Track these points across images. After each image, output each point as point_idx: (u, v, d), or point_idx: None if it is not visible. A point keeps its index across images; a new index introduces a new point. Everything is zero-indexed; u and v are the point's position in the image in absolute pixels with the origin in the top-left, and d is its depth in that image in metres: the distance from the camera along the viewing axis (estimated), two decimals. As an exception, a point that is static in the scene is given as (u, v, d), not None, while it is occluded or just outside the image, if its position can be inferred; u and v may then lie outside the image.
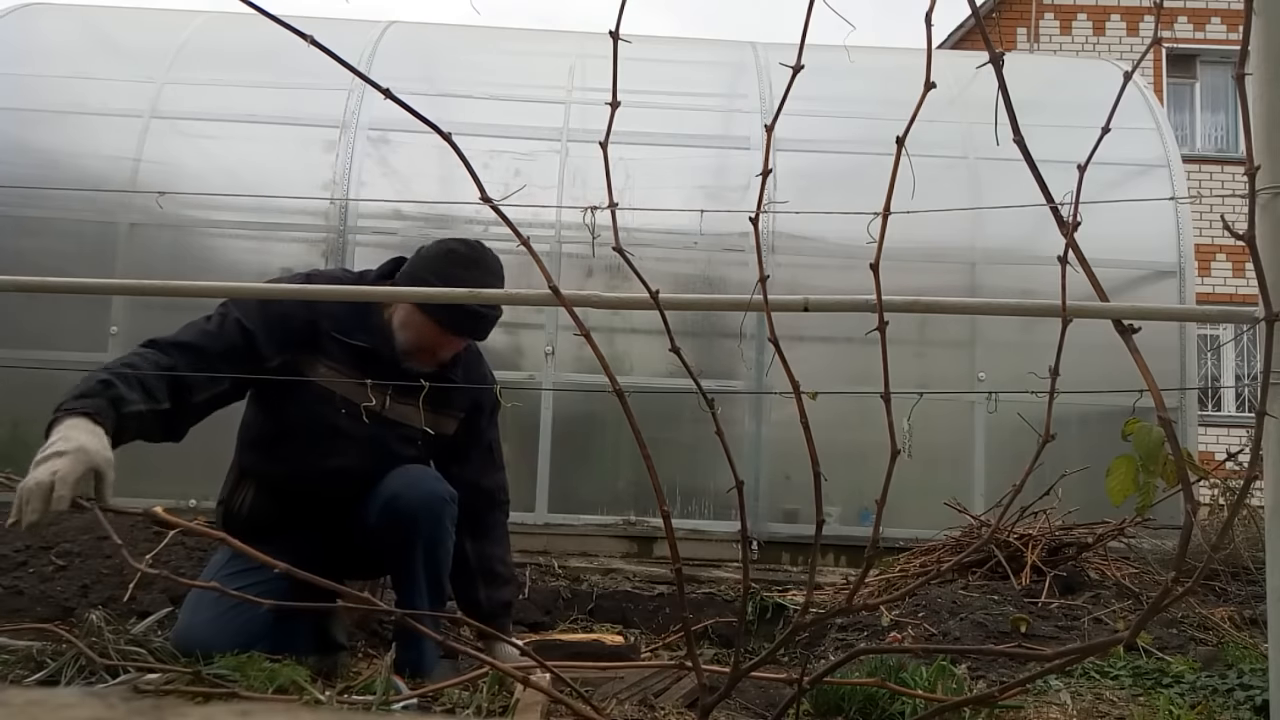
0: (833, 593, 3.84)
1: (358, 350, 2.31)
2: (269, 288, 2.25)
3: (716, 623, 3.36)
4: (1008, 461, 4.96)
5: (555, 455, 5.05)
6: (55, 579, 2.89)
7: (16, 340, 5.03)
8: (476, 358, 2.56)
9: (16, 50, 5.77)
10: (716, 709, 1.90)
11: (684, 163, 5.54)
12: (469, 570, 2.46)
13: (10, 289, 2.06)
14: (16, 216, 5.25)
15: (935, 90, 1.45)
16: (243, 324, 2.22)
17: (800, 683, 1.59)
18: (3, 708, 0.47)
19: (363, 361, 2.31)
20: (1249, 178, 1.46)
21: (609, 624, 3.56)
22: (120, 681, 1.83)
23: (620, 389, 1.51)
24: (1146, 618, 1.44)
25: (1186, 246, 5.42)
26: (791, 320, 4.03)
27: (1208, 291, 10.68)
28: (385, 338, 2.33)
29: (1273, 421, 1.50)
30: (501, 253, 2.40)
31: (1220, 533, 1.76)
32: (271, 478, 2.39)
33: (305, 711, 0.54)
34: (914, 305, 1.81)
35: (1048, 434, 1.55)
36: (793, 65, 1.47)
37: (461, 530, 2.38)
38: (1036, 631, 3.00)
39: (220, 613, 2.19)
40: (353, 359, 2.32)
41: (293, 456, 2.35)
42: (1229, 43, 11.50)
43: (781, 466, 5.05)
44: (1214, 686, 2.41)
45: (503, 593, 2.49)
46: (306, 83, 5.42)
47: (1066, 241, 1.50)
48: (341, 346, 2.31)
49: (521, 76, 5.97)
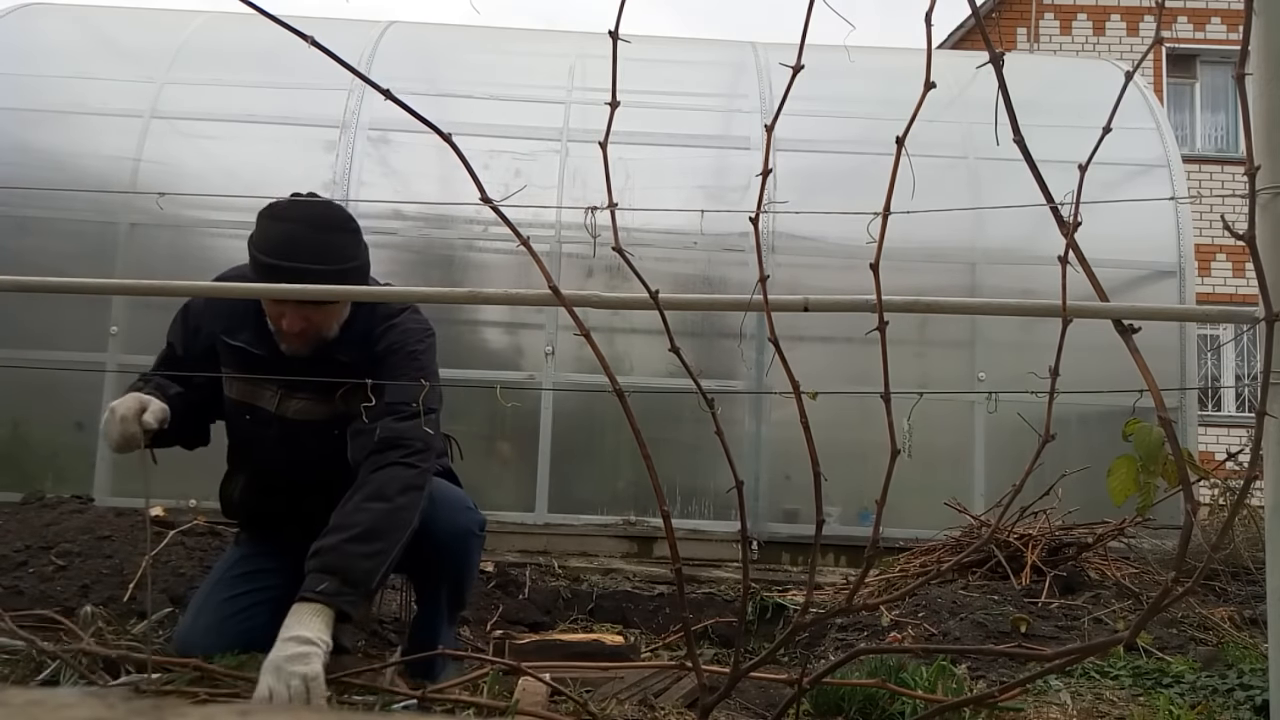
0: (833, 593, 3.84)
1: (240, 351, 2.21)
2: (268, 288, 2.24)
3: (716, 623, 3.36)
4: (1008, 461, 4.96)
5: (555, 455, 5.05)
6: (55, 579, 2.89)
7: (16, 340, 5.04)
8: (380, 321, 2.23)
9: (16, 50, 5.77)
10: (716, 709, 1.89)
11: (684, 163, 5.54)
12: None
13: (10, 289, 2.06)
14: (17, 216, 5.26)
15: (935, 90, 1.45)
16: (173, 346, 2.31)
17: (800, 683, 1.59)
18: (3, 708, 0.47)
19: (248, 362, 2.21)
20: (1249, 178, 1.46)
21: (609, 624, 3.56)
22: (121, 682, 1.83)
23: (620, 389, 1.51)
24: (1146, 618, 1.44)
25: (1186, 246, 5.43)
26: (791, 320, 4.03)
27: (1208, 291, 10.68)
28: (264, 333, 2.20)
29: (1273, 421, 1.50)
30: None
31: (1220, 533, 1.76)
32: (247, 471, 2.40)
33: (306, 712, 0.54)
34: (914, 305, 1.80)
35: (1047, 434, 1.55)
36: (793, 65, 1.47)
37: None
38: (1036, 631, 3.00)
39: (225, 617, 2.19)
40: (240, 361, 2.22)
41: (245, 458, 2.38)
42: (1229, 43, 11.50)
43: (781, 466, 5.05)
44: (1214, 686, 2.41)
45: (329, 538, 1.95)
46: (306, 83, 5.42)
47: (1067, 241, 1.50)
48: (230, 350, 2.23)
49: (521, 76, 5.97)
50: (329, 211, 2.16)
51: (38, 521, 3.40)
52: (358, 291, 2.23)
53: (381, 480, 2.01)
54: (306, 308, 2.07)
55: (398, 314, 2.25)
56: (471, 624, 3.19)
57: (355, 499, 1.99)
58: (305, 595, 1.85)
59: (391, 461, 2.03)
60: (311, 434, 2.19)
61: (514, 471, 5.11)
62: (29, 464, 4.97)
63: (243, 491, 2.37)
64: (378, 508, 1.97)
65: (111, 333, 5.06)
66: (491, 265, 5.37)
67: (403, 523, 1.99)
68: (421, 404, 2.01)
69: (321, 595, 1.84)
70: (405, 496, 2.01)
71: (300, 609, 1.83)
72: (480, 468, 4.93)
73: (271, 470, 2.32)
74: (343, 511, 1.98)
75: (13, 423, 5.06)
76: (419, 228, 5.32)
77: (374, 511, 1.96)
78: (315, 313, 2.10)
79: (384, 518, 1.97)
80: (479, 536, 2.33)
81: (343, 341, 2.18)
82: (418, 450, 2.06)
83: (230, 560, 2.41)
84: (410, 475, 2.04)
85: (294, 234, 2.02)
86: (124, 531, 3.30)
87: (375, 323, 2.22)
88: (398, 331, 2.20)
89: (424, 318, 2.31)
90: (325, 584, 1.86)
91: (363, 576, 1.91)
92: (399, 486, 2.01)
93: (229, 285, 2.13)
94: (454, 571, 2.27)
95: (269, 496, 2.35)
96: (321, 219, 2.10)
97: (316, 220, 2.08)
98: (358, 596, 1.91)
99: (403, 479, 2.02)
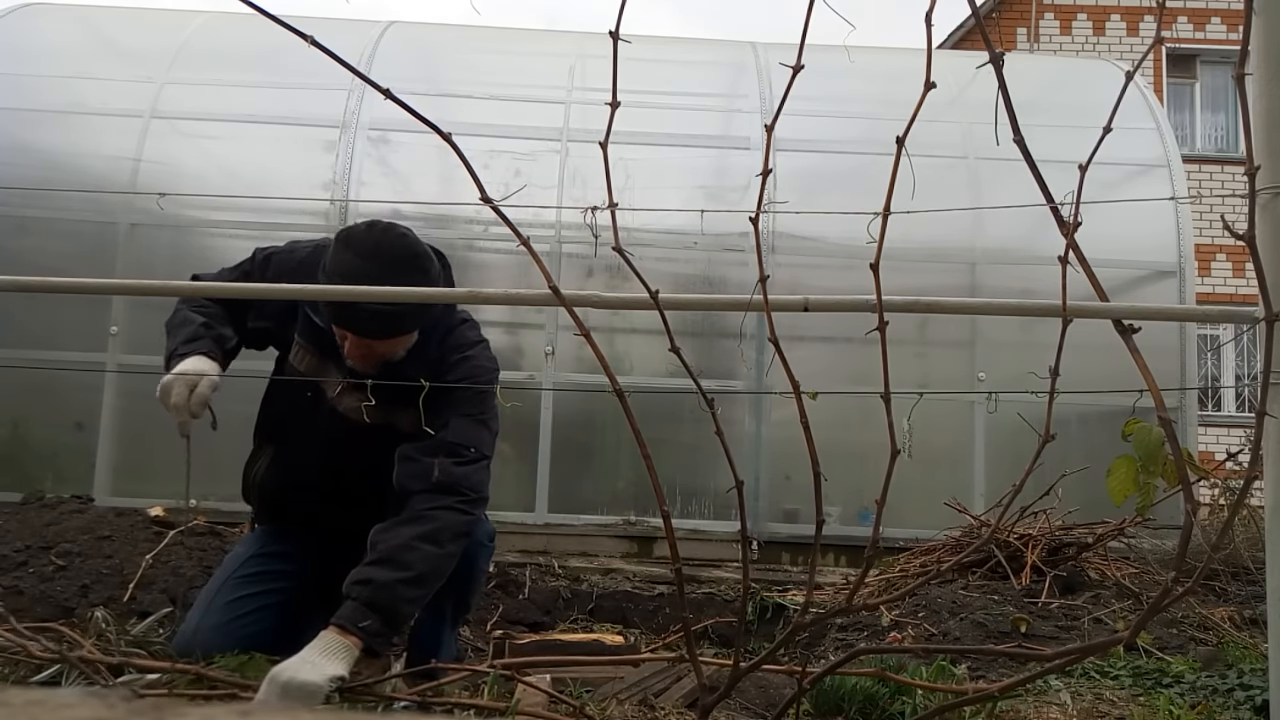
0: (833, 593, 3.84)
1: (318, 332, 2.14)
2: (267, 288, 2.24)
3: (716, 623, 3.36)
4: (1008, 461, 4.96)
5: (555, 455, 5.05)
6: (55, 579, 2.89)
7: (16, 340, 5.04)
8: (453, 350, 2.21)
9: (16, 50, 5.77)
10: (716, 709, 1.90)
11: (684, 163, 5.55)
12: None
13: (10, 289, 2.06)
14: (17, 216, 5.26)
15: (935, 90, 1.45)
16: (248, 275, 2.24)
17: (800, 683, 1.59)
18: (3, 708, 0.47)
19: (321, 341, 2.15)
20: (1249, 178, 1.46)
21: (609, 624, 3.56)
22: (121, 681, 1.83)
23: (620, 389, 1.51)
24: (1146, 618, 1.44)
25: (1186, 246, 5.43)
26: (791, 320, 4.03)
27: (1208, 291, 10.68)
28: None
29: (1273, 421, 1.50)
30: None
31: (1220, 533, 1.76)
32: (275, 455, 2.33)
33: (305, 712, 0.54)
34: (914, 305, 1.80)
35: (1047, 434, 1.55)
36: (793, 65, 1.47)
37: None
38: (1036, 631, 3.00)
39: (232, 618, 2.17)
40: (315, 336, 2.16)
41: (279, 439, 2.30)
42: (1229, 43, 11.49)
43: (781, 466, 5.06)
44: (1214, 686, 2.41)
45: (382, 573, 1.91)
46: (306, 83, 5.42)
47: (1067, 241, 1.50)
48: (309, 323, 2.16)
49: (521, 76, 5.97)
50: (401, 249, 2.04)
51: (38, 521, 3.40)
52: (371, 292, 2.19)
53: (439, 523, 1.99)
54: (368, 341, 2.04)
55: (473, 345, 2.23)
56: (472, 624, 3.19)
57: (408, 532, 1.95)
58: (346, 626, 1.81)
59: (448, 506, 2.01)
60: (357, 435, 2.12)
61: (514, 471, 5.11)
62: (29, 464, 4.97)
63: (266, 474, 2.32)
64: (431, 551, 1.95)
65: (111, 333, 5.06)
66: (491, 265, 5.37)
67: (446, 571, 2.01)
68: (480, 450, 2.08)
69: (363, 632, 1.82)
70: (455, 545, 2.01)
71: (332, 639, 1.80)
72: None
73: (302, 462, 2.27)
74: (395, 543, 1.93)
75: (13, 423, 5.06)
76: (419, 228, 5.19)
77: (427, 556, 1.94)
78: (378, 345, 2.06)
79: (435, 564, 1.96)
80: (488, 548, 2.31)
81: (412, 362, 2.11)
82: (472, 500, 2.06)
83: (241, 557, 2.35)
84: (464, 523, 2.04)
85: (362, 271, 1.94)
86: (124, 531, 3.30)
87: (449, 350, 2.19)
88: (470, 366, 2.18)
89: (492, 355, 2.29)
90: (369, 622, 1.82)
91: (401, 621, 1.93)
92: (451, 534, 2.00)
93: (232, 286, 2.14)
94: (462, 583, 2.23)
95: (293, 490, 2.30)
96: (392, 259, 1.99)
97: (385, 258, 1.98)
98: (391, 638, 1.92)
99: (456, 527, 2.01)
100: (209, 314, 2.16)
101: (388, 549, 1.92)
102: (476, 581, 2.35)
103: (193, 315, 2.14)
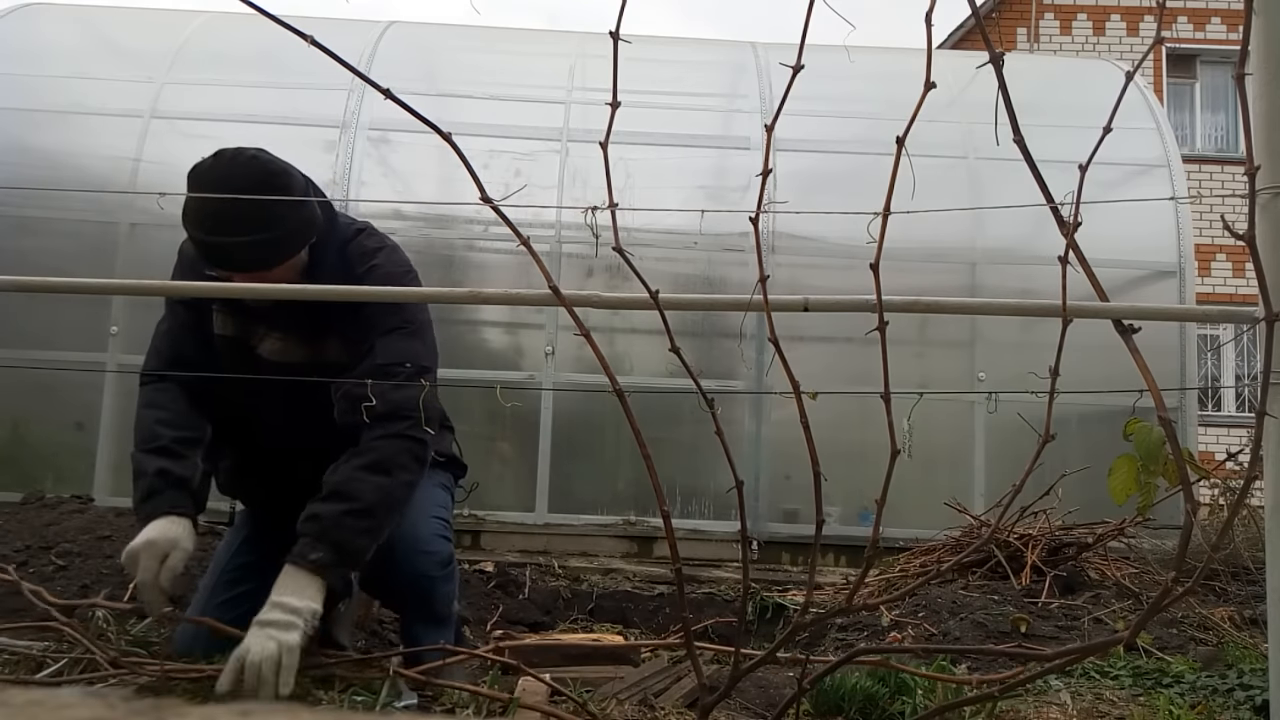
0: (833, 593, 3.84)
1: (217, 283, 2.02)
2: (267, 288, 2.23)
3: (716, 623, 3.36)
4: (1008, 461, 4.96)
5: (555, 455, 5.05)
6: (55, 579, 2.89)
7: (16, 340, 5.04)
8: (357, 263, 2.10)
9: (16, 50, 5.77)
10: (716, 709, 1.90)
11: (684, 163, 5.55)
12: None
13: (10, 289, 2.06)
14: (17, 216, 5.26)
15: (935, 91, 1.45)
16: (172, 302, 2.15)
17: (800, 682, 1.59)
18: (3, 708, 0.47)
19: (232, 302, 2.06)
20: (1249, 178, 1.46)
21: (609, 624, 3.56)
22: (121, 681, 1.83)
23: (620, 389, 1.51)
24: (1146, 618, 1.44)
25: (1186, 246, 5.43)
26: (791, 320, 4.03)
27: (1208, 291, 10.68)
28: None
29: (1273, 421, 1.50)
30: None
31: (1220, 533, 1.76)
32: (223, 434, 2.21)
33: (305, 711, 0.54)
34: (914, 305, 1.80)
35: (1047, 434, 1.55)
36: (793, 65, 1.47)
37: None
38: (1036, 631, 3.00)
39: (225, 621, 2.17)
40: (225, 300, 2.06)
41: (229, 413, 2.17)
42: (1229, 43, 11.49)
43: (781, 466, 5.06)
44: (1214, 686, 2.41)
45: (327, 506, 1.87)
46: (306, 83, 5.42)
47: (1067, 241, 1.50)
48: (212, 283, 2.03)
49: (521, 76, 5.98)
50: (254, 172, 1.95)
51: (38, 521, 3.40)
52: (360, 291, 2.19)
53: (383, 452, 1.92)
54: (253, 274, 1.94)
55: (375, 253, 2.11)
56: (472, 624, 3.19)
57: (353, 465, 1.90)
58: (297, 561, 1.81)
59: (395, 434, 1.92)
60: (297, 384, 2.00)
61: (514, 471, 5.11)
62: (29, 464, 4.97)
63: (230, 465, 2.27)
64: (380, 481, 1.89)
65: (111, 333, 5.06)
66: (492, 265, 5.37)
67: (401, 500, 1.94)
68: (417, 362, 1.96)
69: (313, 565, 1.80)
70: (407, 473, 1.94)
71: (293, 573, 1.80)
72: (480, 468, 4.93)
73: (259, 429, 2.19)
74: (340, 477, 1.90)
75: (13, 423, 5.06)
76: (419, 228, 5.32)
77: (375, 485, 1.89)
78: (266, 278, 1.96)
79: (385, 494, 1.90)
80: (443, 573, 2.16)
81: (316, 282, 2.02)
82: (416, 420, 1.93)
83: (232, 546, 2.34)
84: (411, 447, 1.95)
85: (218, 210, 1.86)
86: (124, 531, 3.30)
87: (351, 263, 2.07)
88: (379, 275, 2.07)
89: (403, 257, 2.17)
90: (320, 554, 1.81)
91: (356, 553, 1.87)
92: (401, 461, 1.93)
93: (228, 285, 2.13)
94: (421, 611, 2.17)
95: (259, 461, 2.24)
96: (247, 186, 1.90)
97: (240, 187, 1.89)
98: (346, 571, 1.88)
99: (407, 451, 1.94)
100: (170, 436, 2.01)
101: (333, 484, 1.89)
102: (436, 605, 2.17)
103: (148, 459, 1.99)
